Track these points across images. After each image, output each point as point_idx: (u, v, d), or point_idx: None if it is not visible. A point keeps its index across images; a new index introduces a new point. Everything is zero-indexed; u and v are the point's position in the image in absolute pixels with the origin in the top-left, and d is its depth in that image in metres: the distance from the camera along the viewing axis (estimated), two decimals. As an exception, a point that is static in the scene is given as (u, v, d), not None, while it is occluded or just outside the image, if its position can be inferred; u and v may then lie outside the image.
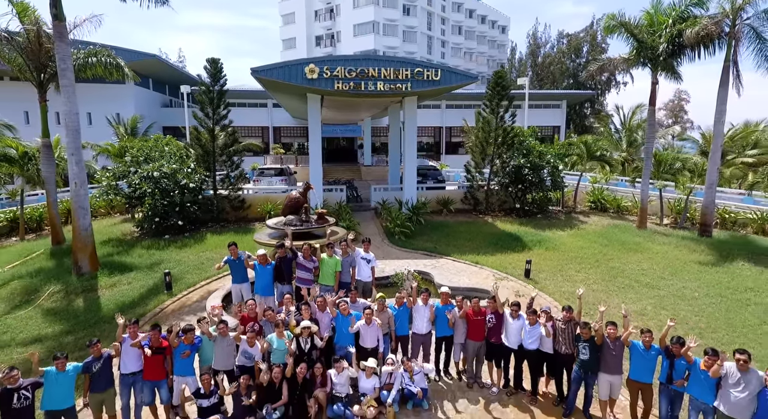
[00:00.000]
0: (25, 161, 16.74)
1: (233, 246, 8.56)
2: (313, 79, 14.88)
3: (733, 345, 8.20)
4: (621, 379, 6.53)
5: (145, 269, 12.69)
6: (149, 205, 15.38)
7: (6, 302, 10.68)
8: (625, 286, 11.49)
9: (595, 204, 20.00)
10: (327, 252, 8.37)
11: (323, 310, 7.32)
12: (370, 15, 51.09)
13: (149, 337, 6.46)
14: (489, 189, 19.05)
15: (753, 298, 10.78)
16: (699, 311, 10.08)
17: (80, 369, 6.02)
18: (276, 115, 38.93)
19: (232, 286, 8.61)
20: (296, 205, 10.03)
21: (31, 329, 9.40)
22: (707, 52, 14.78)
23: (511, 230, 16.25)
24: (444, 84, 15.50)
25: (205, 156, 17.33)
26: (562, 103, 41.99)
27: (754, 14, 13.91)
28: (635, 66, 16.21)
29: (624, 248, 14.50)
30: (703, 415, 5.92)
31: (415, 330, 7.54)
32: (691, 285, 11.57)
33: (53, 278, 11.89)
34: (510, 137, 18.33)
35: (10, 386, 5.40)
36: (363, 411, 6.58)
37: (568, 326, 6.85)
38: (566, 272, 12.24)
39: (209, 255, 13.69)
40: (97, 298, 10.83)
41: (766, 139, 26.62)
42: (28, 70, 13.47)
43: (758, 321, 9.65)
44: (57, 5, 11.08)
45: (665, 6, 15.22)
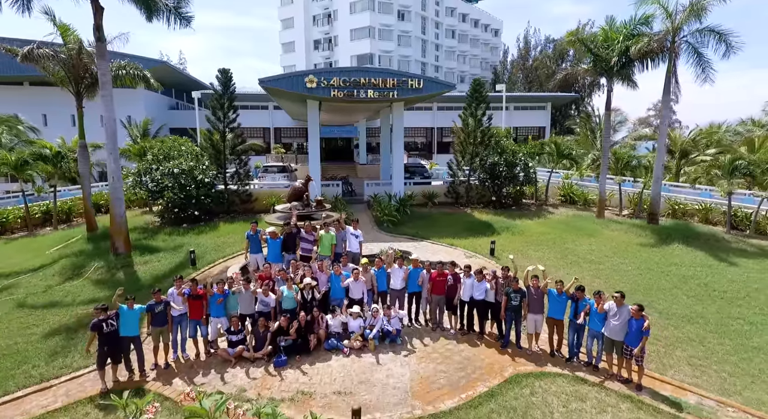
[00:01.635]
0: (58, 160, 18.96)
1: (254, 224, 10.86)
2: (312, 87, 17.18)
3: (647, 304, 10.61)
4: (542, 317, 8.85)
5: (170, 250, 14.98)
6: (169, 198, 17.65)
7: (60, 275, 12.96)
8: (573, 262, 13.82)
9: (565, 198, 22.37)
10: (324, 229, 10.68)
11: (322, 271, 9.63)
12: (366, 20, 53.36)
13: (189, 288, 8.75)
14: (469, 184, 21.38)
15: (674, 270, 13.14)
16: (627, 280, 12.43)
17: (144, 310, 8.30)
18: (276, 116, 41.20)
19: (250, 256, 10.92)
20: (299, 193, 12.34)
21: (86, 293, 11.69)
22: (653, 64, 17.13)
23: (485, 219, 18.60)
24: (426, 92, 17.85)
25: (217, 155, 19.61)
26: (547, 105, 44.37)
27: (689, 33, 16.26)
28: (594, 76, 18.52)
29: (580, 233, 16.86)
30: (596, 340, 8.26)
31: (392, 287, 9.85)
32: (627, 261, 13.92)
33: (94, 257, 14.18)
34: (487, 137, 20.67)
35: (101, 318, 7.69)
36: (351, 344, 8.91)
37: (506, 282, 9.17)
38: (526, 251, 14.56)
39: (223, 240, 15.98)
40: (135, 271, 13.12)
41: (726, 139, 29.09)
42: (68, 82, 15.67)
43: (670, 286, 12.01)
44: (99, 30, 13.33)
45: (618, 24, 17.57)
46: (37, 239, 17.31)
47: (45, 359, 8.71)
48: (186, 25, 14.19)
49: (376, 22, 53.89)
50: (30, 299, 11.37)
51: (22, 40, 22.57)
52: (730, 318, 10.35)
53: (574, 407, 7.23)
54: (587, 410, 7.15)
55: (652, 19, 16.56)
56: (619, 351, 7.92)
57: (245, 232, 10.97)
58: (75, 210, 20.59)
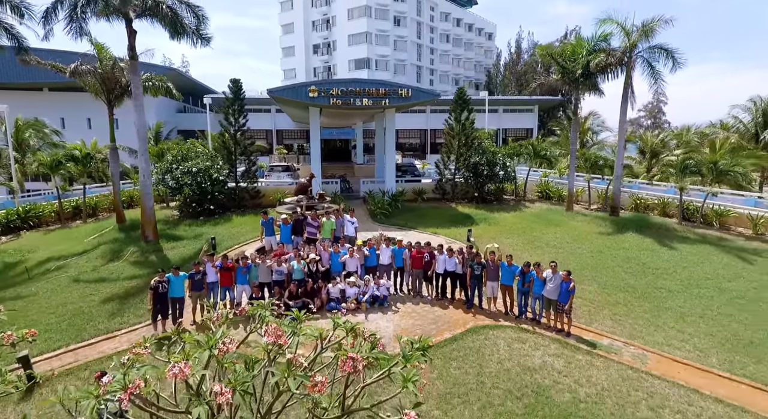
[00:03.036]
0: (88, 160, 21.29)
1: (264, 213, 13.25)
2: (313, 97, 19.55)
3: (591, 278, 13.12)
4: (497, 284, 11.23)
5: (191, 238, 17.34)
6: (187, 194, 19.99)
7: (102, 258, 15.31)
8: (537, 247, 16.22)
9: (542, 194, 24.79)
10: (326, 217, 13.07)
11: (325, 250, 12.02)
12: (363, 26, 55.69)
13: (220, 261, 11.12)
14: (454, 182, 23.78)
15: (621, 253, 15.56)
16: (579, 260, 14.84)
17: (186, 277, 10.67)
18: (278, 119, 43.54)
19: (265, 239, 13.31)
20: (304, 188, 14.73)
21: (127, 272, 14.05)
22: (612, 75, 19.53)
23: (467, 212, 21.00)
24: (414, 100, 20.27)
25: (229, 155, 21.96)
26: (534, 108, 46.83)
27: (643, 49, 18.66)
28: (563, 85, 20.92)
29: (549, 224, 19.26)
30: (538, 301, 10.65)
31: (381, 262, 12.22)
32: (583, 246, 16.33)
33: (128, 244, 16.54)
34: (470, 139, 23.07)
35: (158, 280, 10.06)
36: (348, 306, 11.28)
37: (470, 256, 11.56)
38: (498, 238, 16.92)
39: (237, 230, 18.34)
40: (164, 255, 15.48)
41: (694, 141, 31.58)
42: (102, 92, 18.00)
43: (614, 265, 14.43)
44: (133, 49, 15.67)
45: (583, 40, 19.96)
46: (72, 230, 19.64)
47: (106, 317, 11.08)
48: (206, 44, 16.54)
49: (373, 28, 56.21)
50: (82, 276, 13.72)
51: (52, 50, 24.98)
52: (654, 288, 12.78)
53: (515, 346, 9.63)
54: (525, 348, 9.55)
55: (611, 36, 18.97)
56: (555, 308, 10.33)
57: (260, 220, 13.35)
58: (100, 206, 22.91)
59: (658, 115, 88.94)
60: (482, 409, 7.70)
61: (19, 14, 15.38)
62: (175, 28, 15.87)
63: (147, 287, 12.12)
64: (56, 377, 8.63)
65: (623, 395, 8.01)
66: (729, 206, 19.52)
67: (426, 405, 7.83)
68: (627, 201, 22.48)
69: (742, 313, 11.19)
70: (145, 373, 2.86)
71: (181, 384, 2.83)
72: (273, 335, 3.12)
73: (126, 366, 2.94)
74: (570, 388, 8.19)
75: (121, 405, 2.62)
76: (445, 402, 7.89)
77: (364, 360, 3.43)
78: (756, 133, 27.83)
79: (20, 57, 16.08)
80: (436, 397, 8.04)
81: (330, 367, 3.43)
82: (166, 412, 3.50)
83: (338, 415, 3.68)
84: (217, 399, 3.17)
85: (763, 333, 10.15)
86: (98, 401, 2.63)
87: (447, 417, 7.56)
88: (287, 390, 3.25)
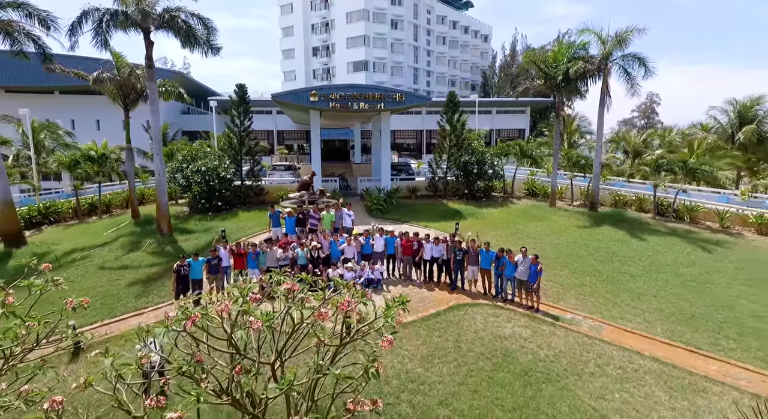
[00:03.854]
0: (103, 160, 22.79)
1: (272, 207, 14.79)
2: (314, 101, 21.10)
3: (564, 265, 14.68)
4: (477, 268, 12.78)
5: (202, 231, 18.87)
6: (196, 191, 21.50)
7: (122, 249, 16.84)
8: (519, 239, 17.76)
9: (529, 191, 26.37)
10: (326, 210, 14.60)
11: (325, 238, 13.56)
12: (361, 30, 57.24)
13: (233, 248, 12.66)
14: (446, 180, 25.34)
15: (593, 244, 17.13)
16: (555, 250, 16.40)
17: (204, 262, 12.20)
18: (279, 120, 45.07)
19: (272, 229, 14.85)
20: (306, 185, 16.28)
21: (147, 260, 15.57)
22: (591, 81, 21.10)
23: (457, 208, 22.56)
24: (407, 103, 21.84)
25: (234, 155, 23.48)
26: (526, 110, 48.44)
27: (618, 57, 20.24)
28: (546, 90, 22.51)
29: (532, 218, 20.83)
30: (511, 282, 12.20)
31: (375, 250, 13.76)
32: (560, 238, 17.90)
33: (145, 236, 18.06)
34: (461, 140, 24.63)
35: (180, 264, 11.59)
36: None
37: (454, 244, 13.12)
38: (483, 231, 18.48)
39: (243, 224, 19.86)
40: (179, 246, 17.00)
41: (676, 141, 33.17)
42: (118, 96, 19.51)
43: (586, 254, 16.00)
44: (150, 59, 17.18)
45: (563, 47, 21.54)
46: (89, 225, 21.15)
47: (133, 298, 12.61)
48: (216, 53, 18.05)
49: (371, 31, 57.76)
50: (107, 264, 15.25)
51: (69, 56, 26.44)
52: (619, 273, 14.35)
53: (490, 320, 11.18)
54: (498, 321, 11.11)
55: (588, 45, 20.54)
56: (526, 288, 11.89)
57: (268, 213, 14.90)
58: (114, 203, 24.41)
59: (651, 115, 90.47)
60: (457, 367, 9.25)
61: (45, 26, 16.86)
62: (188, 39, 17.39)
63: (166, 273, 13.83)
64: (97, 344, 10.16)
65: (576, 356, 9.57)
66: (698, 201, 21.10)
67: (411, 364, 9.38)
68: (607, 198, 24.08)
69: (690, 293, 12.76)
70: (201, 309, 4.44)
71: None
72: (290, 285, 4.74)
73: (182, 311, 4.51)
74: (532, 351, 9.75)
75: (185, 327, 4.20)
76: (426, 362, 9.43)
77: (356, 302, 5.09)
78: (732, 134, 29.46)
79: (45, 65, 17.56)
80: (420, 358, 9.59)
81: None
82: (215, 339, 5.09)
83: (338, 344, 5.32)
84: (252, 326, 4.83)
85: (704, 309, 11.73)
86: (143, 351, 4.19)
87: (428, 373, 9.10)
88: (300, 321, 4.90)
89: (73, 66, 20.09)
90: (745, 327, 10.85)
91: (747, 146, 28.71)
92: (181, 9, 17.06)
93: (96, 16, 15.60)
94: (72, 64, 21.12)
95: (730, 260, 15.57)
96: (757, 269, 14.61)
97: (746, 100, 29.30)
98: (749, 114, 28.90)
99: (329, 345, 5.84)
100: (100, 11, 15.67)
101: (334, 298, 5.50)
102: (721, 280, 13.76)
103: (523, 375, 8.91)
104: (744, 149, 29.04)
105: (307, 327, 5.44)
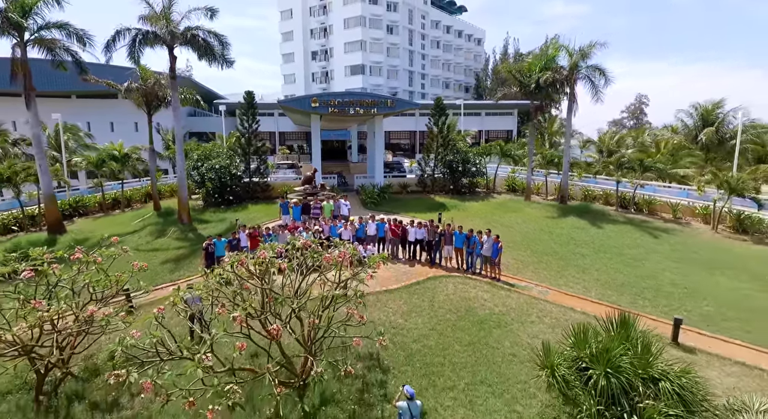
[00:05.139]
0: (126, 160, 25.42)
1: (282, 198, 17.51)
2: (315, 106, 23.79)
3: (527, 247, 17.39)
4: (453, 247, 15.49)
5: (217, 221, 21.54)
6: (210, 187, 24.16)
7: (150, 235, 19.50)
8: (493, 227, 20.39)
9: (510, 186, 29.12)
10: (326, 201, 17.30)
11: (326, 224, 16.28)
12: (358, 35, 59.90)
13: (251, 230, 15.36)
14: (434, 176, 28.08)
15: (557, 231, 19.89)
16: (523, 236, 19.15)
17: (226, 242, 14.89)
18: (281, 122, 47.75)
19: (282, 216, 17.56)
20: (309, 180, 19.00)
21: (174, 244, 18.23)
22: (561, 89, 23.85)
23: (442, 201, 25.29)
24: (398, 108, 24.63)
25: (244, 154, 26.14)
26: (514, 112, 51.23)
27: (583, 68, 23.00)
28: (520, 97, 25.26)
29: (508, 210, 23.58)
30: (479, 258, 14.94)
31: (368, 234, 16.47)
32: (530, 226, 20.65)
33: (168, 225, 20.73)
34: (447, 141, 27.36)
35: (208, 243, 14.29)
36: (343, 264, 15.55)
37: (433, 228, 15.85)
38: (463, 221, 21.19)
39: (253, 215, 22.52)
40: (199, 233, 19.67)
41: (648, 141, 36.00)
42: (143, 103, 22.14)
43: (549, 239, 18.76)
44: (173, 71, 19.84)
45: (536, 58, 24.29)
46: (115, 217, 23.80)
47: (168, 272, 15.30)
48: (230, 66, 20.72)
49: (368, 36, 60.40)
50: (140, 247, 17.91)
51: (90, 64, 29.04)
52: (572, 253, 17.11)
53: (459, 287, 13.90)
54: (466, 288, 13.83)
55: (557, 57, 23.27)
56: (490, 262, 14.61)
57: (279, 203, 17.62)
58: (134, 198, 27.05)
59: (640, 116, 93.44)
60: (430, 318, 11.97)
61: (82, 43, 19.48)
62: (206, 53, 20.06)
63: (192, 254, 16.57)
64: (146, 305, 12.83)
65: (523, 310, 12.31)
66: (654, 195, 23.89)
67: (394, 317, 12.08)
68: (579, 193, 26.84)
69: (627, 268, 15.54)
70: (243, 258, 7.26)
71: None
72: (306, 241, 7.57)
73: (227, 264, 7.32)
74: (489, 308, 12.48)
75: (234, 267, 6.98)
76: (406, 315, 12.15)
77: (350, 255, 7.96)
78: (696, 135, 32.32)
79: (82, 76, 20.18)
80: (401, 313, 12.30)
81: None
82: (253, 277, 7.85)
83: (338, 294, 8.19)
84: (280, 266, 7.70)
85: (633, 279, 14.50)
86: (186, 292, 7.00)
87: (407, 322, 11.81)
88: (312, 266, 7.79)
89: (97, 73, 22.68)
90: (661, 291, 13.64)
91: (709, 147, 31.60)
92: (200, 28, 19.71)
93: (128, 36, 18.25)
94: (96, 71, 23.71)
95: (669, 243, 18.38)
96: (687, 250, 17.43)
97: (708, 104, 32.16)
98: (711, 117, 31.76)
99: (332, 282, 8.75)
100: (133, 31, 18.32)
101: (334, 253, 8.41)
102: (655, 258, 16.55)
103: (479, 323, 11.65)
104: (706, 150, 31.93)
105: (315, 267, 8.33)
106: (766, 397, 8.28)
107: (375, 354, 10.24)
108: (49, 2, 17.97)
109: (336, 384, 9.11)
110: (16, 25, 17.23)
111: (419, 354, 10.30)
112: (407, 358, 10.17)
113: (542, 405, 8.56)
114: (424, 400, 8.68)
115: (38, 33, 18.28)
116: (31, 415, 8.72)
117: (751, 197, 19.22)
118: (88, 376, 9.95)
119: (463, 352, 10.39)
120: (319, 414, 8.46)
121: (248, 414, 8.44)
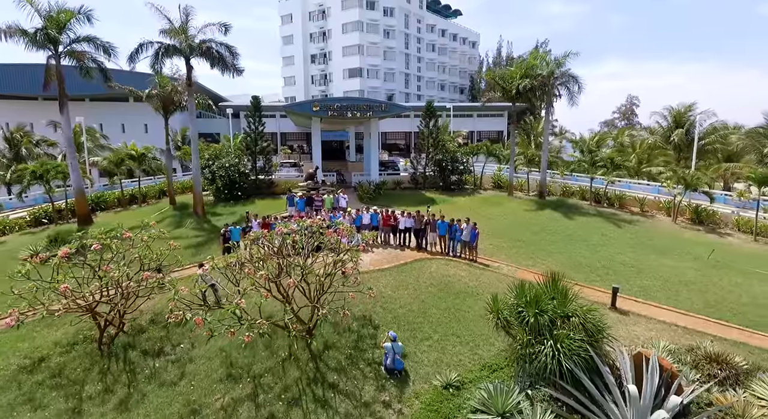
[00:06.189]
0: (142, 159, 27.73)
1: (289, 191, 19.89)
2: (316, 110, 26.16)
3: (504, 235, 19.77)
4: (436, 234, 17.87)
5: (228, 214, 23.89)
6: (220, 184, 26.49)
7: (169, 226, 21.84)
8: (476, 218, 22.83)
9: (495, 183, 31.55)
10: (327, 195, 19.69)
11: (327, 214, 18.65)
12: (356, 39, 62.25)
13: (263, 219, 17.73)
14: (425, 174, 30.48)
15: (533, 221, 22.30)
16: (501, 226, 21.55)
17: (240, 229, 17.25)
18: (282, 123, 50.08)
19: (289, 208, 19.95)
20: (311, 176, 21.38)
21: (191, 233, 20.57)
22: (540, 94, 26.25)
23: (432, 196, 27.70)
24: (391, 112, 27.06)
25: (251, 154, 28.48)
26: (504, 113, 53.66)
27: (559, 75, 25.41)
28: (504, 101, 27.65)
29: (491, 204, 25.99)
30: (459, 244, 17.32)
31: (363, 223, 18.84)
32: (508, 217, 23.05)
33: (185, 218, 23.07)
34: (437, 141, 29.77)
35: (224, 230, 16.65)
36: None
37: (420, 217, 18.24)
38: (450, 213, 23.58)
39: (260, 209, 24.79)
40: (213, 224, 22.02)
41: (627, 142, 38.45)
42: (160, 108, 24.45)
43: (523, 229, 21.17)
44: (190, 79, 22.17)
45: (517, 67, 26.69)
46: (134, 212, 26.11)
47: (191, 255, 17.65)
48: (240, 74, 23.06)
49: (365, 41, 62.76)
50: (161, 236, 20.22)
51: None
52: (543, 240, 19.51)
53: (441, 267, 16.27)
54: (447, 268, 16.20)
55: (536, 67, 25.68)
56: (469, 247, 17.00)
57: (286, 196, 19.99)
58: (149, 194, 29.38)
59: (631, 116, 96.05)
60: (414, 291, 14.34)
61: (108, 54, 21.80)
62: (218, 64, 22.39)
63: (209, 242, 18.94)
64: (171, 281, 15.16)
65: (493, 283, 14.69)
66: (624, 190, 26.33)
67: (385, 290, 14.43)
68: (558, 189, 29.26)
69: (587, 252, 17.95)
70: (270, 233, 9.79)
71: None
72: (314, 220, 10.09)
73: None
74: (465, 283, 14.85)
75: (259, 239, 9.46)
76: (395, 288, 14.51)
77: (346, 231, 10.52)
78: (669, 135, 34.79)
79: (107, 84, 22.49)
80: (391, 287, 14.66)
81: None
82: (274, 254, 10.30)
83: (339, 259, 10.69)
84: (294, 236, 10.26)
85: (591, 261, 16.91)
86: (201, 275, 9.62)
87: (395, 294, 14.17)
88: (318, 238, 10.32)
89: (115, 79, 24.97)
90: (611, 269, 16.07)
91: (680, 147, 34.09)
92: (213, 40, 22.05)
93: (151, 49, 20.59)
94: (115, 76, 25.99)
95: (630, 232, 20.80)
96: (644, 237, 19.87)
97: (680, 107, 34.64)
98: (682, 119, 34.23)
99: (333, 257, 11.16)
100: (155, 45, 20.66)
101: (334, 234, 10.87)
102: (615, 244, 18.97)
103: (455, 294, 14.03)
104: (678, 149, 34.43)
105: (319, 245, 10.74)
106: (670, 342, 10.81)
107: (368, 315, 12.62)
108: (81, 18, 20.26)
109: (336, 337, 11.50)
110: (53, 40, 19.55)
111: (404, 316, 12.69)
112: (394, 319, 12.55)
113: (498, 350, 10.97)
114: (406, 348, 11.07)
115: (71, 46, 20.58)
116: (97, 358, 11.10)
117: (703, 191, 21.65)
118: (136, 333, 12.32)
119: (439, 314, 12.77)
120: (323, 355, 10.86)
121: (267, 356, 10.82)
